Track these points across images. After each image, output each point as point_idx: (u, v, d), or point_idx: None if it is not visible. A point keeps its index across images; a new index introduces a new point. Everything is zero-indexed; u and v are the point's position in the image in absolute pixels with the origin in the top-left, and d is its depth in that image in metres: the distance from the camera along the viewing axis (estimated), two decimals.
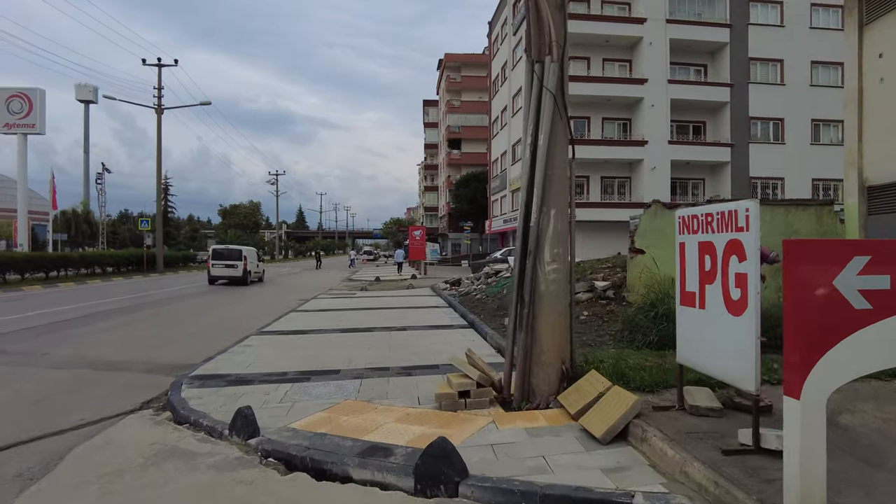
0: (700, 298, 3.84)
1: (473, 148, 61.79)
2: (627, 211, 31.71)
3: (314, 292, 20.42)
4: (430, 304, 14.76)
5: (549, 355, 5.00)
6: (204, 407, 5.45)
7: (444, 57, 64.70)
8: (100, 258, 28.87)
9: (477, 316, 11.02)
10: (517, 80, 37.48)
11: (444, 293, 17.03)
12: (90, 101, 65.08)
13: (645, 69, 30.56)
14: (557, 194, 5.06)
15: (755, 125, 31.81)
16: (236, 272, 23.99)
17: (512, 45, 38.79)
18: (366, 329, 10.35)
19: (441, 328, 10.41)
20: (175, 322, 12.34)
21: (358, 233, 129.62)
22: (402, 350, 8.14)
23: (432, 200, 79.36)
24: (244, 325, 11.43)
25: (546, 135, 4.93)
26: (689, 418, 4.05)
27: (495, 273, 16.40)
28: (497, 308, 11.18)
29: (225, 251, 24.86)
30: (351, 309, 13.97)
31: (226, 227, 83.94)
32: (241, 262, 24.03)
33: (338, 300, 16.69)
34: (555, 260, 5.01)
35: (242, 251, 24.64)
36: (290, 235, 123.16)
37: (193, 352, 8.66)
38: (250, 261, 24.81)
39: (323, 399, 5.55)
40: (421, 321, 11.40)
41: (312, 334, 9.83)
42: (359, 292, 19.80)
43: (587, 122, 31.57)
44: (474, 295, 14.52)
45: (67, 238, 54.89)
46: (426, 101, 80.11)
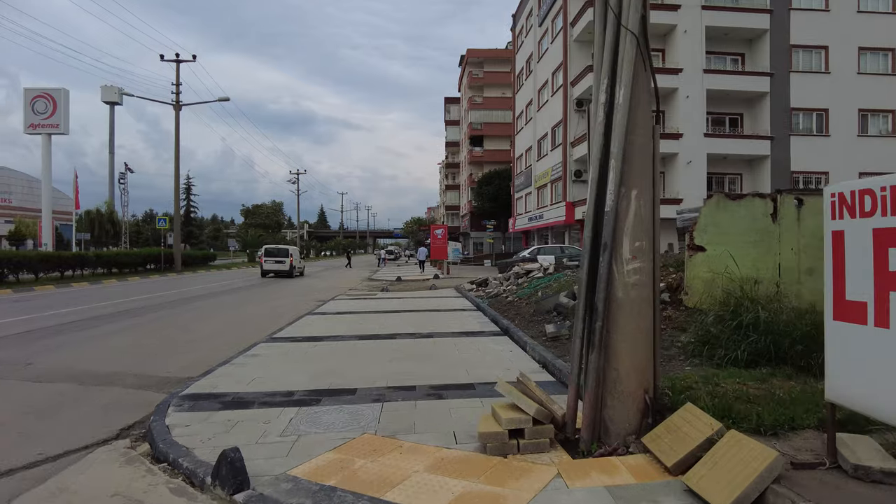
0: (878, 311, 2.62)
1: (496, 145, 60.47)
2: (661, 207, 30.20)
3: (333, 293, 19.44)
4: (456, 307, 13.62)
5: (628, 382, 3.81)
6: (189, 439, 4.39)
7: (467, 52, 63.51)
8: (116, 258, 28.28)
9: (511, 321, 9.84)
10: (542, 73, 36.19)
11: (469, 294, 15.87)
12: (115, 102, 65.31)
13: (679, 58, 28.98)
14: (639, 170, 3.87)
15: (797, 116, 29.99)
16: (284, 267, 28.58)
17: (537, 37, 37.48)
18: (387, 336, 9.24)
19: (471, 335, 9.25)
20: (182, 326, 11.39)
21: (379, 232, 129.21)
22: (430, 363, 7.00)
23: (453, 199, 78.21)
24: (254, 330, 10.43)
25: (627, 90, 3.75)
26: (855, 485, 2.82)
27: (526, 273, 15.19)
28: (533, 313, 9.98)
29: (275, 250, 29.60)
30: (371, 312, 12.89)
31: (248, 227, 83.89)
32: (288, 258, 28.62)
33: (358, 302, 15.65)
34: (636, 256, 3.82)
35: (289, 250, 29.36)
36: (312, 235, 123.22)
37: (194, 362, 7.66)
38: (295, 258, 29.31)
39: (335, 432, 4.43)
40: (448, 326, 10.26)
41: (327, 342, 8.75)
42: (380, 293, 18.75)
43: None
44: (504, 297, 13.33)
45: (91, 238, 55.09)
46: (447, 99, 79.01)
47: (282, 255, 28.83)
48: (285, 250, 29.27)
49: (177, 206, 32.81)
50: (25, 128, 43.16)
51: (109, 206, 58.18)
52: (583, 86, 29.37)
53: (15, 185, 62.61)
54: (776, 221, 8.14)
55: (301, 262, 32.17)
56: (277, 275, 28.69)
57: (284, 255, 28.81)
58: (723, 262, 7.21)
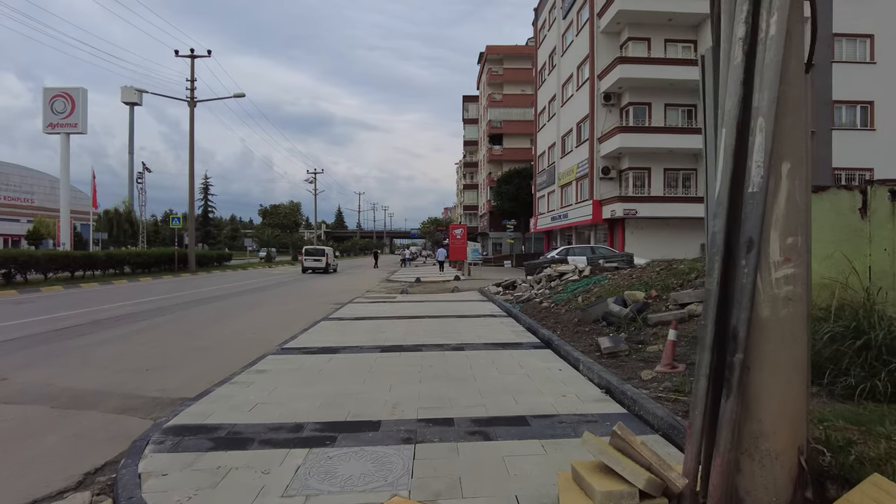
0: None
1: (516, 143, 59.16)
2: (693, 207, 28.80)
3: (350, 295, 18.43)
4: (484, 312, 12.47)
5: (775, 439, 2.64)
6: (163, 497, 3.31)
7: (486, 49, 62.31)
8: (127, 257, 27.59)
9: (552, 331, 8.67)
10: (567, 67, 34.90)
11: (497, 298, 14.72)
12: (135, 103, 65.45)
13: None
14: (792, 136, 2.70)
15: (839, 110, 28.34)
16: (321, 264, 34.72)
17: (561, 31, 36.18)
18: (412, 347, 8.13)
19: (508, 347, 8.10)
20: (186, 333, 10.39)
21: (395, 233, 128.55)
22: (466, 385, 5.86)
23: (471, 199, 77.01)
24: (264, 338, 9.41)
25: (782, 14, 2.58)
26: None
27: (559, 276, 13.98)
28: (578, 322, 8.80)
29: (314, 250, 36.06)
30: (392, 317, 11.80)
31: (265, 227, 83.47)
32: (324, 257, 35.01)
33: (377, 305, 14.58)
34: (789, 258, 2.65)
35: (325, 250, 35.88)
36: (329, 235, 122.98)
37: (191, 378, 6.64)
38: (330, 257, 35.59)
39: (355, 492, 3.32)
40: (479, 336, 9.12)
41: (345, 354, 7.67)
42: (399, 296, 17.67)
43: (648, 109, 28.71)
44: (537, 302, 12.16)
45: (109, 238, 54.98)
46: (466, 97, 77.89)
47: (319, 255, 35.14)
48: (322, 251, 35.69)
49: (191, 205, 32.09)
50: (45, 127, 43.02)
51: (128, 206, 58.17)
52: (610, 79, 28.04)
53: (38, 185, 63.24)
54: (866, 218, 6.86)
55: (335, 261, 39.01)
56: (314, 270, 34.62)
57: (321, 255, 35.07)
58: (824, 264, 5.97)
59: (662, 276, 10.31)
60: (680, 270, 10.13)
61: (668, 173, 29.00)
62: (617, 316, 8.07)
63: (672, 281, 9.54)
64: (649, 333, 7.40)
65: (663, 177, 28.91)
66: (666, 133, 27.56)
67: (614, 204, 27.59)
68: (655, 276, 10.69)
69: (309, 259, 35.05)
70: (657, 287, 9.46)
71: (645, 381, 5.40)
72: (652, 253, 24.33)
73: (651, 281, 10.20)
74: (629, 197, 27.65)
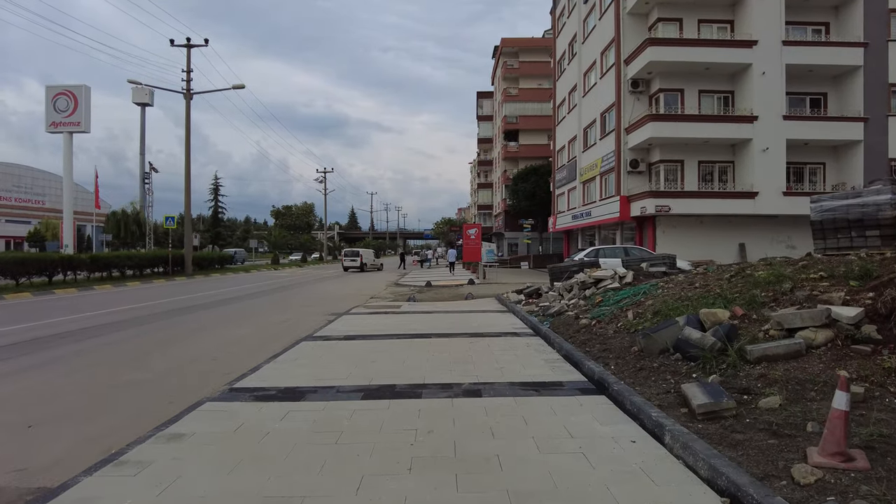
0: None
1: (532, 139, 56.65)
2: (730, 203, 26.08)
3: (351, 302, 16.27)
4: (506, 329, 10.15)
5: None
6: None
7: (501, 42, 59.88)
8: (116, 261, 25.63)
9: (601, 364, 6.34)
10: (589, 54, 32.44)
11: (518, 309, 12.39)
12: (146, 103, 64.08)
13: (753, 29, 24.91)
14: None
15: (895, 94, 25.57)
16: (356, 264, 39.41)
17: (582, 16, 33.72)
18: (408, 389, 5.86)
19: (544, 391, 5.77)
20: (131, 359, 8.21)
21: (409, 233, 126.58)
22: (487, 479, 3.55)
23: (486, 198, 74.59)
24: (221, 370, 7.24)
25: None
26: None
27: (595, 283, 11.60)
28: (640, 353, 6.43)
29: (351, 252, 41.03)
30: (391, 336, 9.53)
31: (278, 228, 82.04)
32: (358, 258, 39.67)
33: (376, 318, 12.33)
34: None
35: (360, 252, 40.43)
36: (342, 236, 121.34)
37: (77, 446, 4.43)
38: (365, 258, 40.11)
39: None
40: (501, 369, 6.81)
41: (311, 402, 5.44)
42: (405, 304, 15.42)
43: (680, 96, 26.14)
44: (571, 316, 9.82)
45: (117, 239, 53.45)
46: (480, 93, 75.50)
47: (355, 256, 39.81)
48: (357, 252, 40.25)
49: (187, 203, 30.08)
50: (47, 126, 41.52)
51: (135, 207, 56.79)
52: (639, 63, 25.53)
53: (49, 186, 62.71)
54: None
55: (376, 260, 43.72)
56: (350, 269, 39.17)
57: (356, 256, 39.66)
58: None
59: (737, 286, 7.92)
60: (761, 278, 7.72)
61: (702, 166, 26.40)
62: (698, 346, 5.72)
63: (756, 293, 7.15)
64: (754, 375, 5.05)
65: (698, 170, 26.32)
66: (702, 122, 24.97)
67: (644, 200, 25.08)
68: (726, 284, 8.30)
69: (347, 259, 40.19)
70: (739, 302, 7.08)
71: (803, 484, 3.07)
72: (685, 253, 21.85)
73: (724, 292, 7.82)
74: (662, 192, 25.10)
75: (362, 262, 39.45)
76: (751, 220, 25.54)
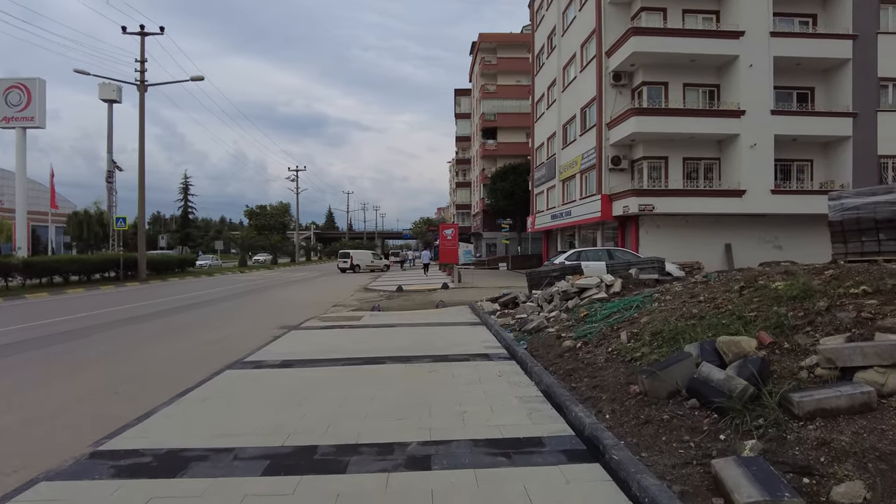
0: None
1: (511, 137, 55.39)
2: (717, 201, 24.81)
3: (311, 311, 14.70)
4: (476, 350, 8.62)
5: None
6: None
7: (479, 38, 58.52)
8: (56, 266, 23.51)
9: (594, 413, 4.85)
10: (568, 47, 31.14)
11: (493, 322, 10.90)
12: (114, 100, 61.27)
13: (740, 19, 23.80)
14: None
15: (885, 88, 24.68)
16: (347, 265, 41.35)
17: (562, 7, 32.40)
18: (335, 456, 4.29)
19: (517, 453, 4.25)
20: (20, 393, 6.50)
21: (387, 233, 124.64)
22: None
23: (464, 197, 73.15)
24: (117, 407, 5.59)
25: None
26: None
27: (578, 292, 10.14)
28: (644, 395, 4.93)
29: (343, 253, 43.54)
30: (336, 362, 7.94)
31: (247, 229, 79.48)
32: (349, 259, 41.75)
33: (328, 334, 10.72)
34: None
35: (350, 253, 42.96)
36: (319, 237, 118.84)
37: None
38: (357, 259, 42.14)
39: None
40: (463, 413, 5.29)
41: (194, 480, 3.85)
42: (368, 314, 13.83)
43: (664, 89, 24.93)
44: (552, 334, 8.34)
45: (79, 240, 50.83)
46: (458, 90, 74.05)
47: (346, 258, 42.05)
48: (348, 253, 42.75)
49: (141, 202, 27.96)
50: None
51: (99, 207, 54.12)
52: (622, 54, 24.24)
53: (6, 185, 59.52)
54: None
55: (375, 261, 44.59)
56: (344, 271, 40.96)
57: (347, 257, 41.88)
58: None
59: (752, 301, 6.50)
60: (783, 292, 6.31)
61: (687, 163, 25.23)
62: (721, 391, 4.25)
63: (782, 312, 5.73)
64: (810, 441, 3.58)
65: (682, 167, 25.14)
66: (688, 116, 23.75)
67: (628, 198, 23.79)
68: (738, 298, 6.88)
69: (340, 261, 42.48)
70: (761, 324, 5.65)
71: None
72: (670, 255, 20.61)
73: (737, 309, 6.39)
74: (645, 190, 23.84)
75: (353, 263, 41.32)
76: (737, 219, 24.44)
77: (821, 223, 23.06)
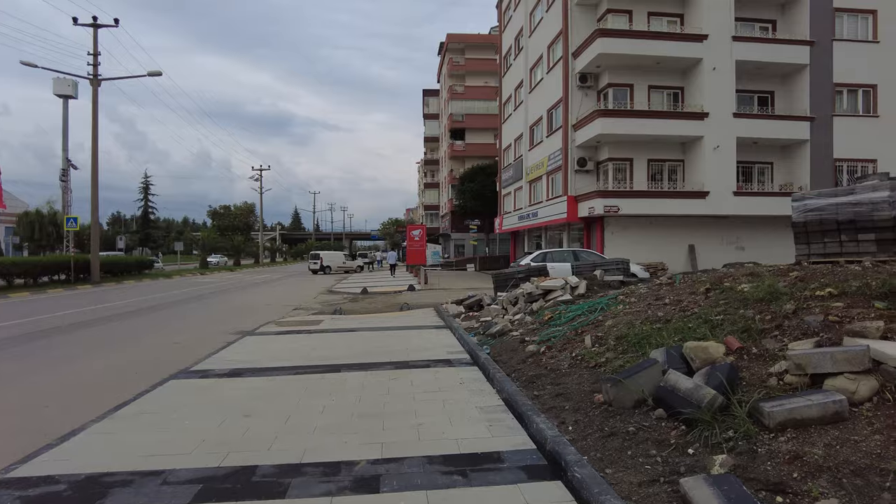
0: None
1: (479, 138, 55.34)
2: (681, 203, 25.05)
3: (270, 314, 14.15)
4: (438, 356, 8.30)
5: None
6: None
7: (447, 38, 58.29)
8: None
9: (557, 423, 4.58)
10: (535, 49, 31.14)
11: (457, 325, 10.60)
12: (69, 95, 58.85)
13: (703, 23, 24.10)
14: None
15: (840, 94, 25.34)
16: (317, 266, 41.69)
17: (529, 8, 32.39)
18: (275, 478, 3.91)
19: (474, 471, 3.94)
20: None
21: (355, 234, 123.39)
22: None
23: (433, 198, 72.81)
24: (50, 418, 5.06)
25: None
26: None
27: (543, 294, 9.92)
28: (609, 404, 4.67)
29: (314, 254, 43.42)
30: (290, 370, 7.52)
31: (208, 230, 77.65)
32: (319, 260, 42.23)
33: (285, 339, 10.26)
34: None
35: (320, 254, 43.17)
36: (284, 237, 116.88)
37: None
38: (326, 260, 42.54)
39: None
40: (421, 428, 4.96)
41: None
42: (328, 318, 13.37)
43: (629, 91, 25.07)
44: (516, 338, 8.10)
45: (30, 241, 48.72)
46: (426, 91, 73.68)
47: (316, 259, 42.49)
48: (318, 255, 42.98)
49: (94, 201, 26.73)
50: None
51: (52, 207, 51.87)
52: (588, 56, 24.29)
53: None
54: None
55: (347, 262, 45.38)
56: (315, 272, 41.28)
57: (318, 259, 42.38)
58: None
59: (719, 304, 6.36)
60: (749, 294, 6.18)
61: (652, 165, 25.44)
62: (689, 400, 4.03)
63: (749, 315, 5.58)
64: (781, 454, 3.37)
65: (647, 169, 25.32)
66: (653, 118, 23.93)
67: (593, 200, 23.83)
68: (704, 301, 6.74)
69: (311, 262, 43.05)
70: (728, 328, 5.49)
71: None
72: (635, 256, 20.70)
73: (703, 312, 6.24)
74: (611, 192, 23.92)
75: (323, 264, 41.86)
76: (701, 220, 24.74)
77: (781, 224, 23.58)
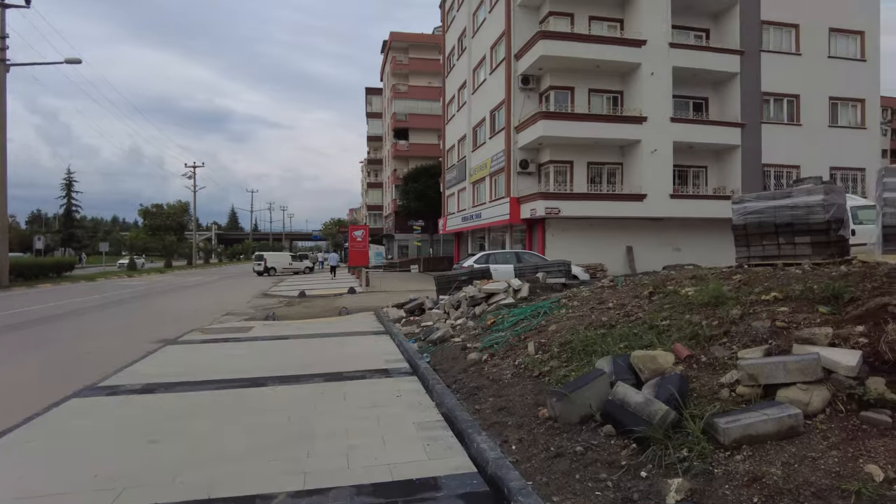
0: None
1: (423, 139, 54.96)
2: (619, 205, 25.53)
3: (198, 321, 13.19)
4: (375, 365, 7.82)
5: None
6: None
7: (390, 37, 57.60)
8: None
9: (500, 442, 4.22)
10: (479, 49, 31.04)
11: (396, 330, 10.15)
12: None
13: (642, 29, 24.61)
14: None
15: (767, 102, 26.48)
16: (261, 267, 41.20)
17: (472, 9, 32.27)
18: None
19: (408, 502, 3.52)
20: None
21: (296, 234, 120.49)
22: None
23: (376, 198, 71.86)
24: None
25: None
26: None
27: (486, 298, 9.60)
28: (554, 420, 4.35)
29: (258, 256, 43.46)
30: (211, 384, 6.86)
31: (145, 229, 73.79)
32: (263, 262, 41.76)
33: (210, 349, 9.50)
34: None
35: (264, 255, 43.01)
36: (221, 238, 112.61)
37: None
38: (270, 261, 42.11)
39: None
40: (352, 450, 4.48)
41: None
42: (260, 324, 12.61)
43: (570, 94, 25.31)
44: (458, 344, 7.73)
45: None
46: (369, 89, 72.60)
47: (260, 260, 42.38)
48: (262, 256, 42.92)
49: (1, 198, 24.50)
50: None
51: None
52: (530, 58, 24.35)
53: None
54: None
55: (293, 263, 44.68)
56: (260, 274, 40.77)
57: (261, 260, 42.18)
58: None
59: (664, 308, 6.19)
60: (694, 299, 6.03)
61: (592, 167, 25.77)
62: (639, 416, 3.74)
63: (696, 321, 5.41)
64: (739, 476, 3.12)
65: (587, 171, 25.63)
66: (593, 121, 24.22)
67: (535, 202, 23.89)
68: (648, 305, 6.58)
69: (255, 264, 43.04)
70: (674, 334, 5.30)
71: None
72: (575, 257, 20.81)
73: (648, 317, 6.05)
74: (552, 194, 24.05)
75: (266, 266, 41.68)
76: (638, 223, 25.27)
77: (715, 227, 24.41)
